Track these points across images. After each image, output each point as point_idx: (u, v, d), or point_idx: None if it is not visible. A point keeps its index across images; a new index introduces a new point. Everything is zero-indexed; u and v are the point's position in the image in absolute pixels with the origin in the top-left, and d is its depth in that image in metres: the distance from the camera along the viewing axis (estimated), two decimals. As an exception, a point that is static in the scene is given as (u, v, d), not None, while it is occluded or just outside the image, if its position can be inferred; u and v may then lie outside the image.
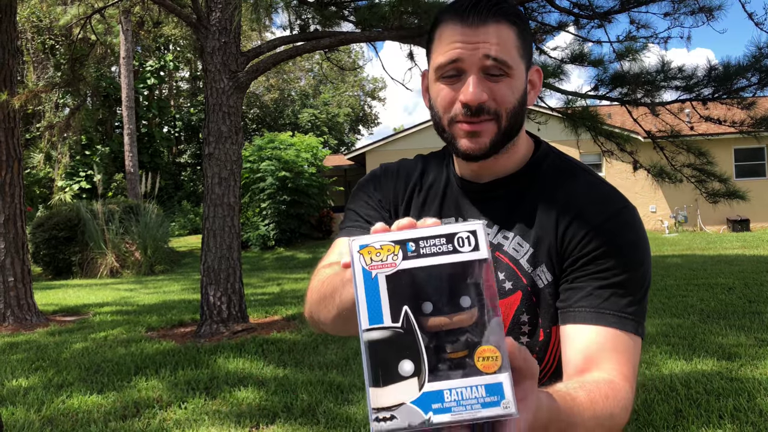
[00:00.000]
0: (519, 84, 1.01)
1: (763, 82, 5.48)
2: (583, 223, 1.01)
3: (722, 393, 3.46)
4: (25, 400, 3.91)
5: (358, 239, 0.63)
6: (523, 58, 1.01)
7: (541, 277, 1.04)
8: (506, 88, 0.99)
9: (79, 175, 23.21)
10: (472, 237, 0.63)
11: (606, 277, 0.99)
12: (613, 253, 0.99)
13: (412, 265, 0.62)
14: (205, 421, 3.43)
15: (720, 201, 6.43)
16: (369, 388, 0.58)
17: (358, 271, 0.61)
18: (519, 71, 1.00)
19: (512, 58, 0.98)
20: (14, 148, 6.78)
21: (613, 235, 1.00)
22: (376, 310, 0.61)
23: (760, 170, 18.65)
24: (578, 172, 1.09)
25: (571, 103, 6.57)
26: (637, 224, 1.03)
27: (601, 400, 0.86)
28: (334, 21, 6.53)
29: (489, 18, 0.97)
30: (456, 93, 1.00)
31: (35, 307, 6.98)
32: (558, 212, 1.04)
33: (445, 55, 1.00)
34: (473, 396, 0.60)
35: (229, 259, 5.85)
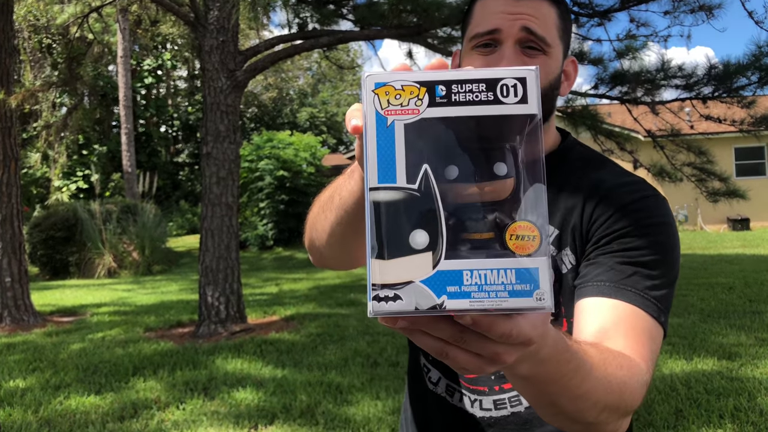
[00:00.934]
0: (554, 65, 0.97)
1: (763, 80, 5.47)
2: (611, 202, 0.95)
3: (723, 393, 3.45)
4: (22, 401, 3.89)
5: (374, 74, 0.50)
6: (562, 40, 0.99)
7: (565, 261, 0.98)
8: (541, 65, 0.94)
9: (77, 174, 23.17)
10: (520, 86, 0.50)
11: (631, 256, 0.91)
12: (641, 232, 0.92)
13: (440, 113, 0.49)
14: (204, 421, 3.41)
15: (720, 200, 6.42)
16: (370, 260, 0.47)
17: (370, 115, 0.49)
18: (556, 52, 0.97)
19: (551, 36, 0.96)
20: (11, 148, 6.75)
21: (641, 215, 0.93)
22: (389, 166, 0.48)
23: (761, 169, 18.66)
24: (607, 162, 1.05)
25: (571, 101, 6.55)
26: (669, 213, 0.96)
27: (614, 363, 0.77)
28: (333, 19, 6.51)
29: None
30: (490, 64, 0.95)
31: (32, 308, 6.95)
32: (585, 194, 0.99)
33: (483, 24, 0.96)
34: (500, 281, 0.48)
35: (228, 259, 5.83)
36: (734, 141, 17.62)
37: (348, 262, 1.05)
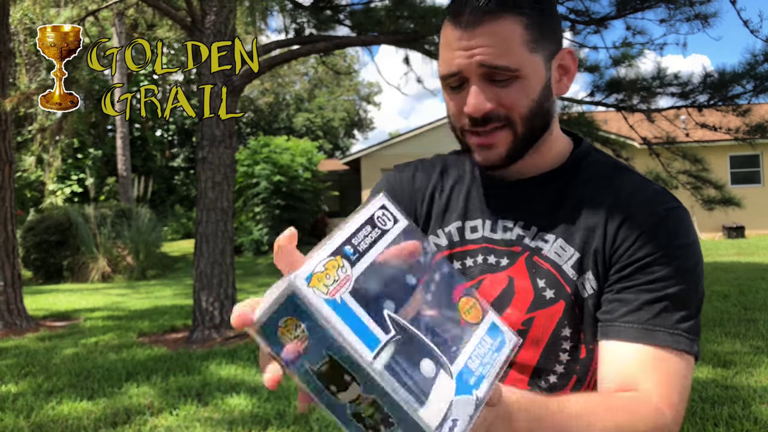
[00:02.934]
0: (534, 82, 0.89)
1: (758, 89, 5.50)
2: (635, 225, 0.90)
3: (717, 401, 3.45)
4: (14, 406, 3.85)
5: (298, 274, 0.52)
6: (539, 50, 0.89)
7: (586, 286, 0.92)
8: (517, 92, 0.88)
9: (71, 178, 23.09)
10: (386, 212, 0.60)
11: (658, 288, 0.87)
12: (667, 260, 0.87)
13: (362, 267, 0.55)
14: (197, 427, 3.39)
15: (715, 208, 6.44)
16: (417, 414, 0.50)
17: (322, 306, 0.50)
18: (532, 68, 0.88)
19: (516, 59, 0.86)
20: (6, 151, 6.73)
21: (667, 240, 0.88)
22: (366, 333, 0.51)
23: (756, 177, 18.74)
24: (624, 170, 0.99)
25: (567, 108, 6.58)
26: (691, 227, 0.92)
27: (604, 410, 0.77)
28: (330, 25, 6.52)
29: (485, 16, 0.85)
30: (462, 103, 0.90)
31: (25, 312, 6.91)
32: (606, 213, 0.92)
33: (443, 66, 0.91)
34: (487, 349, 0.59)
35: (222, 264, 5.81)
36: (729, 149, 17.69)
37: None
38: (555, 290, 0.93)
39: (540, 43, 0.89)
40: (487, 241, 1.00)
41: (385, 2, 6.19)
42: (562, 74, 0.95)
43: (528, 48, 0.87)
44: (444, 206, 1.05)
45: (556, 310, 0.93)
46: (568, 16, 6.40)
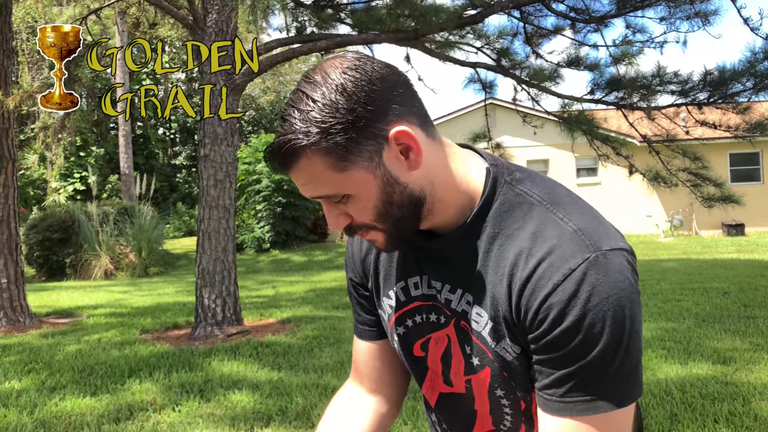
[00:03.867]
0: (365, 193, 0.85)
1: (758, 86, 5.51)
2: (536, 291, 0.82)
3: (717, 397, 3.46)
4: (17, 402, 3.88)
5: None
6: (352, 163, 0.83)
7: (508, 351, 0.89)
8: (355, 207, 0.87)
9: (74, 176, 23.14)
10: None
11: (569, 362, 0.82)
12: (573, 331, 0.80)
13: None
14: (200, 424, 3.41)
15: (715, 205, 6.46)
16: None
17: None
18: (353, 183, 0.84)
19: (332, 186, 0.84)
20: (8, 149, 6.76)
21: (569, 308, 0.80)
22: None
23: (755, 175, 18.73)
24: (532, 215, 0.88)
25: (567, 106, 6.59)
26: (604, 282, 0.80)
27: None
28: (331, 23, 6.53)
29: (289, 164, 0.83)
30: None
31: (28, 309, 6.95)
32: (509, 276, 0.86)
33: None
34: None
35: (224, 261, 5.83)
36: (729, 147, 17.69)
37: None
38: (479, 358, 0.92)
39: (351, 156, 0.83)
40: (427, 299, 1.00)
41: (386, 1, 6.21)
42: (405, 154, 0.86)
43: (338, 170, 0.83)
44: (387, 268, 1.06)
45: (484, 375, 0.93)
46: (568, 15, 6.41)
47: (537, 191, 0.90)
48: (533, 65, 6.68)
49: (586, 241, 0.83)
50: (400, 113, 0.86)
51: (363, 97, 0.83)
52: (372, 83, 0.84)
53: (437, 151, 0.90)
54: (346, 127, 0.82)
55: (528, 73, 6.55)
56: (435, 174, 0.89)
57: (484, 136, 7.92)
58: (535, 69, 6.50)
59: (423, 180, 0.88)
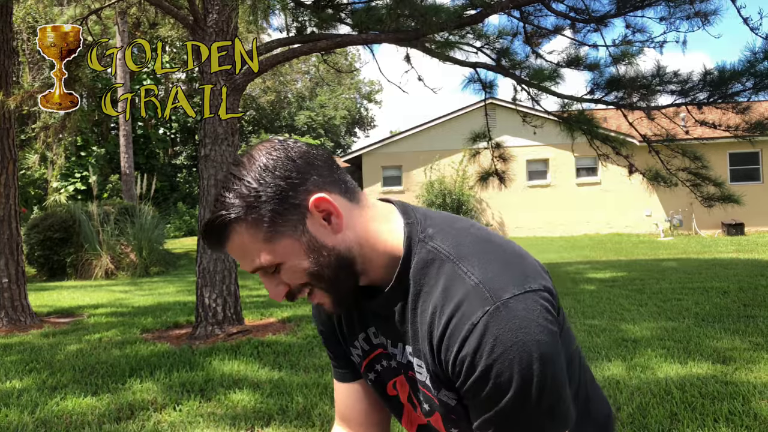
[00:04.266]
0: (295, 259, 0.93)
1: (757, 86, 5.51)
2: (449, 347, 0.89)
3: (717, 396, 3.47)
4: (18, 402, 3.89)
5: None
6: (278, 233, 0.91)
7: (448, 398, 0.97)
8: (288, 274, 0.94)
9: (75, 176, 23.14)
10: None
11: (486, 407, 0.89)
12: (482, 381, 0.87)
13: None
14: (200, 423, 3.42)
15: (715, 205, 6.46)
16: None
17: None
18: (282, 252, 0.92)
19: (264, 257, 0.92)
20: (9, 149, 6.77)
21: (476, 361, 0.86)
22: None
23: (755, 175, 18.74)
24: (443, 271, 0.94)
25: (566, 106, 6.59)
26: (505, 331, 0.85)
27: None
28: (331, 23, 6.54)
29: (221, 242, 0.93)
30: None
31: (29, 309, 6.96)
32: (429, 333, 0.93)
33: None
34: None
35: (225, 261, 5.84)
36: (729, 146, 17.71)
37: None
38: (429, 404, 1.02)
39: (276, 227, 0.91)
40: (382, 347, 1.08)
41: (386, 1, 6.21)
42: (328, 219, 0.94)
43: (266, 241, 0.91)
44: (349, 320, 1.14)
45: (437, 418, 1.02)
46: (568, 15, 6.42)
47: (445, 246, 0.95)
48: (533, 65, 6.69)
49: (486, 293, 0.88)
50: (320, 184, 0.94)
51: (283, 172, 0.91)
52: (292, 160, 0.92)
53: (360, 214, 0.98)
54: (269, 201, 0.90)
55: (528, 73, 6.56)
56: (360, 236, 0.96)
57: (484, 136, 7.93)
58: (535, 69, 6.51)
59: (350, 242, 0.95)
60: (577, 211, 19.64)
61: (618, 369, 4.07)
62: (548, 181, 19.86)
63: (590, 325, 5.46)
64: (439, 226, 1.00)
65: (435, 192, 18.61)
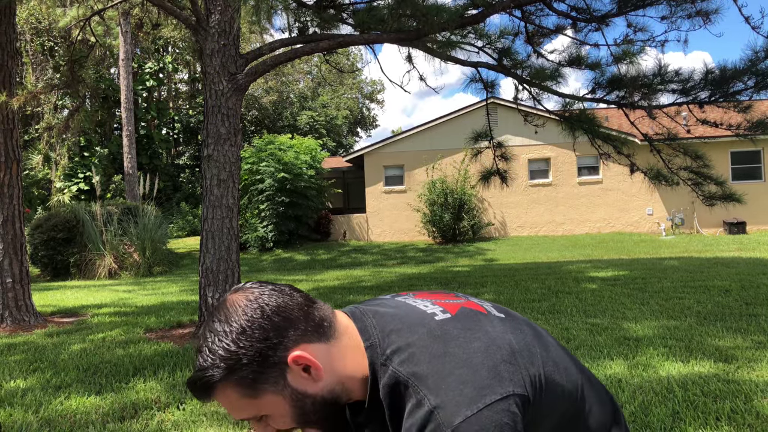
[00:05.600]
0: (278, 411, 1.01)
1: (759, 85, 5.51)
2: None
3: (719, 395, 3.47)
4: (22, 401, 3.91)
5: None
6: (261, 389, 0.99)
7: None
8: (275, 422, 1.02)
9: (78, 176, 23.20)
10: None
11: None
12: None
13: None
14: (204, 422, 3.44)
15: (716, 204, 6.46)
16: None
17: None
18: (267, 405, 1.00)
19: (249, 410, 1.00)
20: (13, 150, 6.79)
21: None
22: None
23: (757, 173, 18.71)
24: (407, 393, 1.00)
25: (568, 106, 6.60)
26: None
27: None
28: (333, 23, 6.55)
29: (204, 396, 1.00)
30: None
31: (33, 308, 6.98)
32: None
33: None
34: None
35: (228, 260, 5.86)
36: (730, 145, 17.69)
37: None
38: None
39: (258, 384, 0.98)
40: None
41: (387, 1, 6.22)
42: (308, 370, 1.01)
43: (250, 397, 0.98)
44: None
45: None
46: (569, 14, 6.42)
47: (404, 369, 1.00)
48: (534, 64, 6.69)
49: (440, 419, 0.93)
50: (296, 338, 0.99)
51: (261, 333, 0.97)
52: (269, 318, 0.98)
53: (338, 351, 1.04)
54: (250, 362, 0.96)
55: (529, 73, 6.56)
56: (340, 375, 1.03)
57: (485, 135, 7.93)
58: (537, 68, 6.51)
59: (332, 384, 1.02)
60: (578, 210, 19.63)
61: (620, 367, 4.08)
62: (550, 180, 19.85)
63: (592, 324, 5.46)
64: (397, 344, 1.04)
65: (437, 191, 18.62)
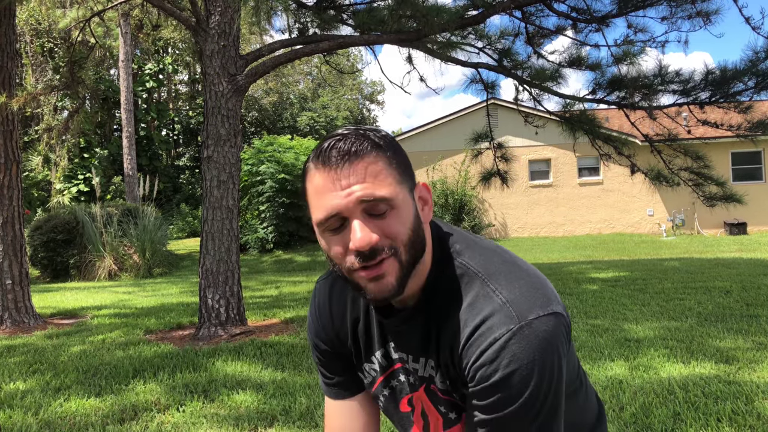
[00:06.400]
0: (406, 211, 0.96)
1: (759, 85, 5.51)
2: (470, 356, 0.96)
3: (720, 396, 3.46)
4: (22, 403, 3.90)
5: None
6: (403, 181, 0.97)
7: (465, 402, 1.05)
8: (395, 222, 0.95)
9: (78, 177, 23.20)
10: None
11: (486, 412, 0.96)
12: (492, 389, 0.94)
13: None
14: (204, 424, 3.43)
15: (717, 204, 6.46)
16: None
17: None
18: (402, 198, 0.96)
19: (390, 190, 0.94)
20: (13, 151, 6.79)
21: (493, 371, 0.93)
22: None
23: (757, 174, 18.70)
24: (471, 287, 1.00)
25: (569, 106, 6.60)
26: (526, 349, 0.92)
27: None
28: (333, 24, 6.55)
29: (353, 157, 0.93)
30: (345, 242, 0.95)
31: (33, 310, 6.98)
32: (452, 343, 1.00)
33: (321, 209, 0.95)
34: None
35: (228, 261, 5.85)
36: (731, 146, 17.68)
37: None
38: (455, 411, 1.07)
39: (403, 176, 0.97)
40: (401, 362, 1.12)
41: (388, 2, 6.22)
42: (423, 204, 1.01)
43: (395, 180, 0.96)
44: (366, 337, 1.16)
45: (461, 426, 1.08)
46: (569, 15, 6.42)
47: (474, 263, 1.02)
48: (535, 65, 6.69)
49: (512, 312, 0.94)
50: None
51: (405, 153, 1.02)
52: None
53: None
54: (401, 155, 0.99)
55: (530, 74, 6.56)
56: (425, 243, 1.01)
57: (486, 136, 7.93)
58: (537, 69, 6.51)
59: (426, 237, 1.00)
60: (579, 211, 19.63)
61: (621, 369, 4.07)
62: (550, 181, 19.84)
63: (593, 325, 5.46)
64: (467, 242, 1.06)
65: (437, 192, 18.62)
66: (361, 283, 0.98)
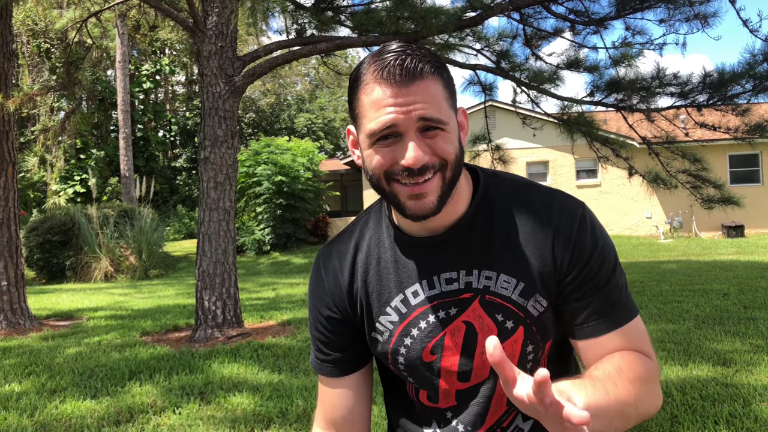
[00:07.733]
0: (454, 134, 1.01)
1: (757, 88, 5.52)
2: (565, 240, 1.06)
3: (718, 399, 3.46)
4: (17, 405, 3.88)
5: None
6: (452, 105, 1.02)
7: (536, 307, 1.07)
8: (444, 142, 0.98)
9: (74, 178, 23.15)
10: None
11: (602, 286, 1.05)
12: (599, 259, 1.06)
13: None
14: (200, 426, 3.41)
15: (715, 207, 6.46)
16: None
17: None
18: (452, 122, 1.00)
19: (445, 113, 0.98)
20: (9, 152, 6.76)
21: (593, 243, 1.06)
22: None
23: (755, 176, 18.74)
24: (524, 189, 1.12)
25: (566, 108, 6.60)
26: (595, 219, 1.10)
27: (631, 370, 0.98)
28: (331, 26, 6.54)
29: (417, 76, 0.95)
30: (394, 154, 0.98)
31: (28, 312, 6.95)
32: (535, 237, 1.07)
33: (377, 121, 0.96)
34: None
35: (225, 263, 5.83)
36: (729, 148, 17.71)
37: None
38: (513, 320, 1.08)
39: (452, 99, 1.02)
40: (432, 300, 1.10)
41: (386, 3, 6.22)
42: (459, 129, 1.05)
43: (448, 104, 1.00)
44: (378, 288, 1.15)
45: (518, 335, 1.09)
46: (567, 17, 6.42)
47: (513, 177, 1.14)
48: (533, 67, 6.69)
49: (572, 196, 1.11)
50: None
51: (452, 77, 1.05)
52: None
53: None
54: (453, 82, 1.03)
55: (528, 75, 6.56)
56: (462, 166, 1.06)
57: (484, 138, 7.93)
58: (535, 71, 6.51)
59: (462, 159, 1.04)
60: (576, 213, 19.64)
61: (618, 371, 4.06)
62: (548, 183, 19.85)
63: (590, 328, 5.45)
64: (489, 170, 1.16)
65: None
66: (400, 198, 1.01)
